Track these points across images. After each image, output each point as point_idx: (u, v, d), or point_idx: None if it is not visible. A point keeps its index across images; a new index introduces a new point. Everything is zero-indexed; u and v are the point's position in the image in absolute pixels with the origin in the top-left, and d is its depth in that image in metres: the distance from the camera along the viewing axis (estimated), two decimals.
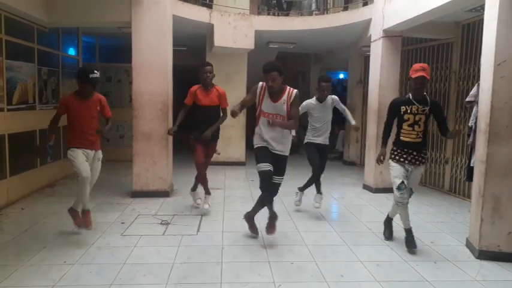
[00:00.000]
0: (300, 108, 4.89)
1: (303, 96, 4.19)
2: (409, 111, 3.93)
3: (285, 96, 3.94)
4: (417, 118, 3.91)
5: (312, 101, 5.07)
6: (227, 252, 3.93)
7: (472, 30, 6.08)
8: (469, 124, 4.64)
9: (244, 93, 8.67)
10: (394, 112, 4.07)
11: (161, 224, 4.72)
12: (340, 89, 12.61)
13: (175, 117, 5.18)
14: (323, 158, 5.18)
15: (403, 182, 3.94)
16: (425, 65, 3.94)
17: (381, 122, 6.42)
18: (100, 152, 4.26)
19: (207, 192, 5.27)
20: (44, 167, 6.38)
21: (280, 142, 4.04)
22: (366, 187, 6.84)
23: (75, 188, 4.29)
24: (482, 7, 4.03)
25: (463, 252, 4.07)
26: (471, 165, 4.45)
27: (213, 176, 7.70)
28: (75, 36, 7.74)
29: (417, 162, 3.98)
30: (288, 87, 4.01)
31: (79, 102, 4.01)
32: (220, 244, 4.13)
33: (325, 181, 5.23)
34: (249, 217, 4.32)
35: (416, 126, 3.92)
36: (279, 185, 4.18)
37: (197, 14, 7.29)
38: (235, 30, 7.70)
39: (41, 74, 6.31)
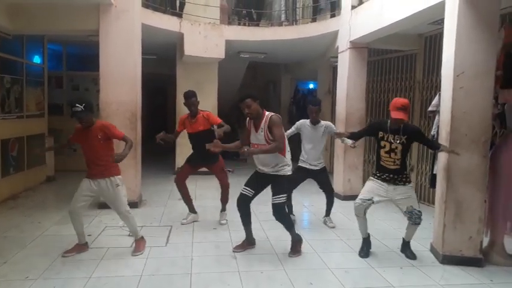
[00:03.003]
0: (293, 127, 5.04)
1: (273, 105, 4.18)
2: (385, 138, 3.93)
3: (262, 124, 3.89)
4: (393, 147, 3.90)
5: (307, 121, 5.06)
6: (196, 263, 3.90)
7: (434, 42, 6.32)
8: (432, 133, 4.81)
9: (215, 102, 8.72)
10: (370, 131, 4.09)
11: (129, 235, 4.61)
12: (311, 99, 12.79)
13: (144, 125, 5.15)
14: (325, 184, 5.18)
15: (371, 199, 3.99)
16: (406, 103, 3.84)
17: (349, 131, 6.59)
18: (116, 178, 3.99)
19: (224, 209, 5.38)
20: (6, 178, 6.15)
21: (271, 164, 3.95)
22: (335, 195, 6.92)
23: (38, 199, 4.10)
24: (443, 20, 4.20)
25: (427, 257, 4.18)
26: (434, 172, 4.60)
27: None
28: (40, 43, 7.55)
29: (401, 183, 3.95)
30: (267, 113, 3.92)
31: (81, 131, 3.94)
32: (190, 255, 4.09)
33: (295, 189, 5.29)
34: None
35: (392, 154, 3.91)
36: (276, 205, 3.95)
37: (167, 23, 7.26)
38: (206, 39, 7.72)
39: (4, 82, 6.12)
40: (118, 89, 5.64)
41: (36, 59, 7.43)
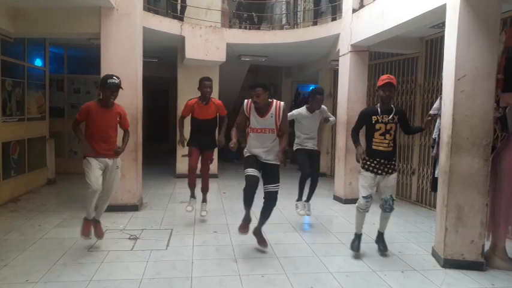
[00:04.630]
0: (292, 114, 5.16)
1: None
2: (380, 120, 4.03)
3: (272, 110, 4.03)
4: (388, 127, 4.03)
5: (303, 110, 5.18)
6: (197, 266, 3.89)
7: (435, 46, 6.32)
8: (433, 136, 4.79)
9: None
10: (363, 121, 4.17)
11: (130, 238, 4.63)
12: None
13: (145, 128, 5.16)
14: (315, 164, 5.29)
15: (370, 195, 4.09)
16: (391, 76, 4.10)
17: (350, 134, 6.59)
18: (119, 160, 4.21)
19: (204, 200, 5.45)
20: (7, 181, 6.15)
21: (270, 152, 4.09)
22: (336, 198, 6.93)
23: (39, 202, 4.09)
24: (444, 24, 4.21)
25: (429, 261, 4.17)
26: (435, 176, 4.59)
27: (185, 188, 7.58)
28: (42, 46, 7.56)
29: (389, 171, 4.08)
30: (275, 100, 4.10)
31: (100, 110, 4.02)
32: (190, 258, 4.08)
33: (296, 192, 5.28)
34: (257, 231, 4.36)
35: (387, 135, 4.03)
36: (276, 193, 4.12)
37: (168, 26, 7.28)
38: (207, 42, 7.73)
39: (5, 85, 6.12)
40: (120, 92, 5.62)
41: (38, 62, 7.45)
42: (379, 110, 4.07)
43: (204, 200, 5.46)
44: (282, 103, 4.10)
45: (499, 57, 3.96)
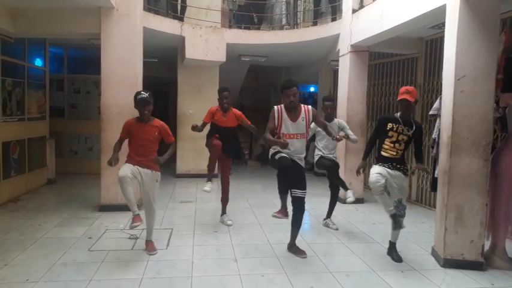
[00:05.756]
0: (311, 128, 4.91)
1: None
2: (394, 129, 4.00)
3: (302, 113, 4.01)
4: (400, 138, 4.00)
5: None
6: (197, 266, 3.89)
7: (434, 46, 6.33)
8: (433, 136, 4.80)
9: (216, 105, 8.71)
10: (380, 128, 4.12)
11: (130, 238, 4.63)
12: (311, 102, 12.84)
13: None
14: (334, 177, 5.21)
15: (381, 174, 3.93)
16: (410, 88, 4.04)
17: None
18: (158, 173, 4.22)
19: (224, 212, 5.40)
20: (7, 181, 6.15)
21: (300, 157, 4.09)
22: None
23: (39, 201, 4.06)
24: (444, 24, 4.22)
25: (429, 261, 4.17)
26: (435, 176, 4.60)
27: (185, 188, 7.64)
28: (42, 46, 7.57)
29: (401, 170, 4.02)
30: (302, 105, 4.09)
31: (138, 125, 4.10)
32: (191, 258, 4.09)
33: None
34: (291, 245, 4.30)
35: (397, 144, 4.01)
36: (303, 199, 4.08)
37: (168, 26, 7.29)
38: (207, 43, 7.75)
39: (5, 85, 6.13)
40: (119, 93, 5.64)
41: (38, 62, 7.45)
42: (398, 118, 4.03)
43: (224, 212, 5.40)
44: (310, 107, 4.11)
45: (498, 58, 3.97)
